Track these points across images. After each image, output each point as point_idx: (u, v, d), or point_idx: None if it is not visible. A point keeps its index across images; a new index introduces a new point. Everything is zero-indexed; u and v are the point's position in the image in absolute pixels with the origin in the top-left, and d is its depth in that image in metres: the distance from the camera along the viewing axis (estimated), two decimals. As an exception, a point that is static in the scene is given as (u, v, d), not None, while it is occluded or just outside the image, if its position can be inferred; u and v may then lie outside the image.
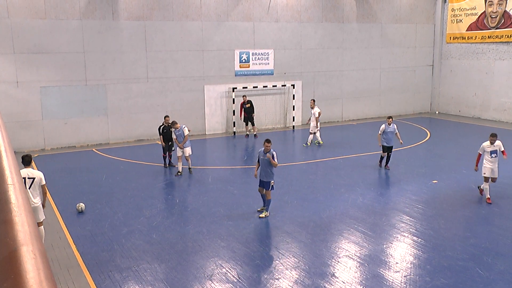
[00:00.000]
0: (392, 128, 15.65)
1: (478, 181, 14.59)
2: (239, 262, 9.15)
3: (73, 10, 19.50)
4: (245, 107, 22.05)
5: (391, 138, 15.63)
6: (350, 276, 8.54)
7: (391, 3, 27.04)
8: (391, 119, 15.77)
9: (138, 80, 21.19)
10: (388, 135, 15.58)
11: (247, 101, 22.03)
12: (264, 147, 11.45)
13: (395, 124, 16.04)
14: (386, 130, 15.58)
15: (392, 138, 15.67)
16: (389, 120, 15.66)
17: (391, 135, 15.62)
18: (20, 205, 1.40)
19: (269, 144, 11.44)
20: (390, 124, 15.61)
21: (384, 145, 15.68)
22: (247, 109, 22.04)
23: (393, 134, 15.67)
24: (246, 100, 22.02)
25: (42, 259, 1.15)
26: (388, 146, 15.66)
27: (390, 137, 15.60)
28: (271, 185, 11.53)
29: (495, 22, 25.46)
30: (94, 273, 8.71)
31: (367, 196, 13.16)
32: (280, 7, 23.88)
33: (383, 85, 27.73)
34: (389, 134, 15.56)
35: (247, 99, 22.07)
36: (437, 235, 10.52)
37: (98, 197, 13.28)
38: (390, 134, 15.58)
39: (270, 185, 11.50)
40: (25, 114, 19.27)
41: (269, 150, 11.40)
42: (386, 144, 15.64)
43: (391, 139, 15.65)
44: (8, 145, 2.16)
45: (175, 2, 21.44)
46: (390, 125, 15.60)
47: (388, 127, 15.59)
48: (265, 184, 11.53)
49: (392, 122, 15.75)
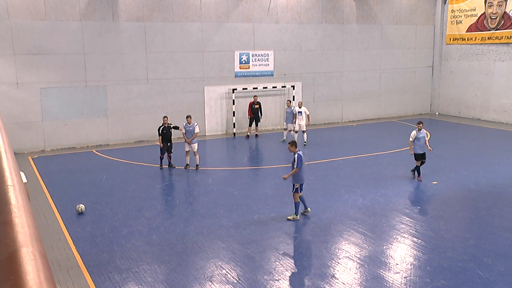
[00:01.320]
0: (423, 134, 14.62)
1: (478, 181, 14.61)
2: (239, 263, 9.15)
3: (73, 11, 19.51)
4: (253, 107, 22.06)
5: (423, 145, 14.56)
6: (350, 277, 8.54)
7: (391, 4, 27.06)
8: (421, 124, 14.67)
9: (138, 81, 21.19)
10: (421, 141, 14.52)
11: (257, 102, 22.10)
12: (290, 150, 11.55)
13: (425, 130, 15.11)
14: (418, 136, 14.50)
15: (424, 145, 14.59)
16: (419, 125, 14.58)
17: (423, 141, 14.56)
18: (20, 206, 1.40)
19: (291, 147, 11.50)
20: (420, 129, 14.54)
21: (417, 153, 14.58)
22: (254, 110, 22.04)
23: (425, 140, 14.62)
24: (256, 101, 22.09)
25: (42, 260, 1.15)
26: (421, 153, 14.58)
27: (423, 143, 14.54)
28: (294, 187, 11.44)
29: (495, 23, 25.47)
30: (94, 274, 8.70)
31: (367, 197, 13.16)
32: (280, 8, 23.89)
33: (383, 86, 27.74)
34: (421, 140, 14.52)
35: (257, 100, 22.15)
36: (437, 236, 10.52)
37: (98, 198, 13.28)
38: (423, 140, 14.54)
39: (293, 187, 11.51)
40: (25, 115, 19.27)
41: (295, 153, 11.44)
42: (420, 151, 14.55)
43: (424, 146, 14.58)
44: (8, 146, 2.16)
45: (175, 3, 21.45)
46: (421, 131, 14.55)
47: (419, 132, 14.53)
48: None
49: (422, 128, 14.67)
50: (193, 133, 16.11)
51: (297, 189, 11.36)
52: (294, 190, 11.41)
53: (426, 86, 29.29)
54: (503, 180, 14.79)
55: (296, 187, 11.35)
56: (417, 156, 14.60)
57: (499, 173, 15.59)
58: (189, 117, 16.48)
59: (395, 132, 23.77)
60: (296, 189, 11.36)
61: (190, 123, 16.29)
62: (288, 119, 20.34)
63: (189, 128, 16.19)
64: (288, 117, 20.31)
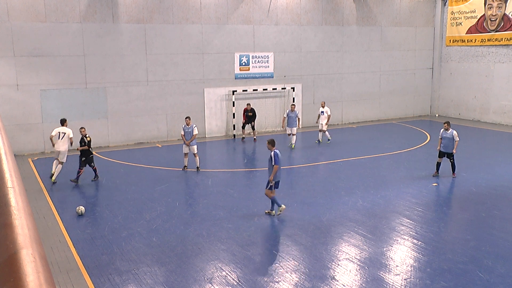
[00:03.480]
0: (449, 134, 14.89)
1: (478, 183, 14.61)
2: (239, 265, 9.14)
3: (73, 13, 19.53)
4: (247, 114, 22.01)
5: (447, 145, 14.93)
6: (350, 279, 8.53)
7: (390, 6, 27.09)
8: (446, 124, 15.05)
9: (138, 83, 21.20)
10: (445, 140, 14.98)
11: (250, 109, 21.95)
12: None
13: (456, 132, 15.00)
14: (443, 135, 15.02)
15: (449, 145, 14.91)
16: (445, 125, 15.04)
17: (448, 142, 14.90)
18: (20, 208, 1.40)
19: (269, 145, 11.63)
20: (447, 129, 14.93)
21: (441, 150, 15.13)
22: (249, 117, 22.00)
23: (451, 140, 14.87)
24: (249, 108, 21.95)
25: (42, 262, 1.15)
26: (443, 151, 15.06)
27: (446, 143, 14.93)
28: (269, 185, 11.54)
29: (495, 25, 25.50)
30: (94, 276, 8.70)
31: (367, 199, 13.16)
32: (280, 10, 23.92)
33: (383, 88, 27.76)
34: (445, 139, 14.98)
35: (250, 107, 21.99)
36: (437, 238, 10.51)
37: (98, 200, 13.28)
38: (447, 141, 14.91)
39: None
40: (25, 117, 19.27)
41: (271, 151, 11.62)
42: (442, 149, 15.07)
43: (448, 146, 14.93)
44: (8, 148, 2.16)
45: (175, 5, 21.47)
46: (448, 130, 14.92)
47: (445, 132, 14.98)
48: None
49: (449, 128, 14.97)
50: (192, 135, 16.08)
51: (271, 187, 11.48)
52: (268, 187, 11.50)
53: (426, 88, 29.30)
54: (503, 182, 14.79)
55: (271, 184, 11.46)
56: (439, 153, 15.21)
57: (499, 175, 15.59)
58: (187, 119, 16.46)
59: (395, 134, 23.78)
60: (271, 186, 11.48)
61: (188, 124, 16.25)
62: (290, 124, 19.86)
63: (188, 130, 16.15)
64: (291, 122, 19.83)
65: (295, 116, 19.77)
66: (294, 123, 19.78)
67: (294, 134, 19.98)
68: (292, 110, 19.91)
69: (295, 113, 19.81)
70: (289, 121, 19.86)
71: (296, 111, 19.98)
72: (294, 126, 19.84)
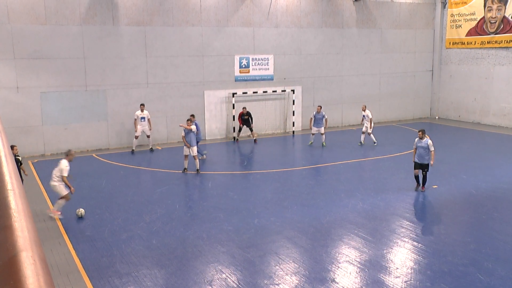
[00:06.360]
0: (424, 144, 13.62)
1: (478, 185, 14.60)
2: (239, 268, 9.13)
3: (73, 15, 19.55)
4: (243, 118, 22.06)
5: (422, 154, 13.65)
6: (350, 282, 8.52)
7: (390, 8, 27.12)
8: (421, 132, 13.81)
9: (138, 85, 21.21)
10: (419, 150, 13.71)
11: (246, 113, 22.03)
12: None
13: (431, 141, 13.78)
14: (418, 144, 13.76)
15: (424, 155, 13.63)
16: (419, 133, 13.83)
17: (423, 151, 13.62)
18: (20, 211, 1.40)
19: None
20: (422, 138, 13.70)
21: (415, 162, 13.85)
22: (244, 120, 22.06)
23: (426, 150, 13.59)
24: (245, 112, 22.01)
25: (42, 265, 1.15)
26: (419, 163, 13.76)
27: (421, 153, 13.66)
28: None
29: (495, 28, 25.53)
30: (94, 278, 8.69)
31: (367, 201, 13.15)
32: (280, 12, 23.94)
33: (383, 90, 27.77)
34: (419, 149, 13.70)
35: (246, 111, 22.07)
36: (438, 240, 10.51)
37: (98, 203, 13.27)
38: (422, 150, 13.63)
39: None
40: (25, 120, 19.28)
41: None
42: (417, 160, 13.77)
43: (422, 156, 13.65)
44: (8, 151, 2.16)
45: (175, 8, 21.50)
46: (422, 139, 13.67)
47: (419, 141, 13.73)
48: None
49: (424, 137, 13.71)
50: (192, 135, 16.04)
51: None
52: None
53: (426, 90, 29.32)
54: (503, 184, 14.79)
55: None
56: (415, 164, 13.95)
57: (499, 177, 15.59)
58: (189, 121, 16.31)
59: (394, 136, 23.78)
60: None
61: (189, 126, 16.16)
62: (317, 124, 20.72)
63: (188, 132, 16.09)
64: (318, 122, 20.70)
65: (321, 117, 20.70)
66: (321, 123, 20.75)
67: (323, 133, 20.86)
68: (318, 112, 20.83)
69: (321, 114, 20.76)
70: (316, 121, 20.84)
71: (322, 112, 20.81)
72: (321, 126, 20.77)
